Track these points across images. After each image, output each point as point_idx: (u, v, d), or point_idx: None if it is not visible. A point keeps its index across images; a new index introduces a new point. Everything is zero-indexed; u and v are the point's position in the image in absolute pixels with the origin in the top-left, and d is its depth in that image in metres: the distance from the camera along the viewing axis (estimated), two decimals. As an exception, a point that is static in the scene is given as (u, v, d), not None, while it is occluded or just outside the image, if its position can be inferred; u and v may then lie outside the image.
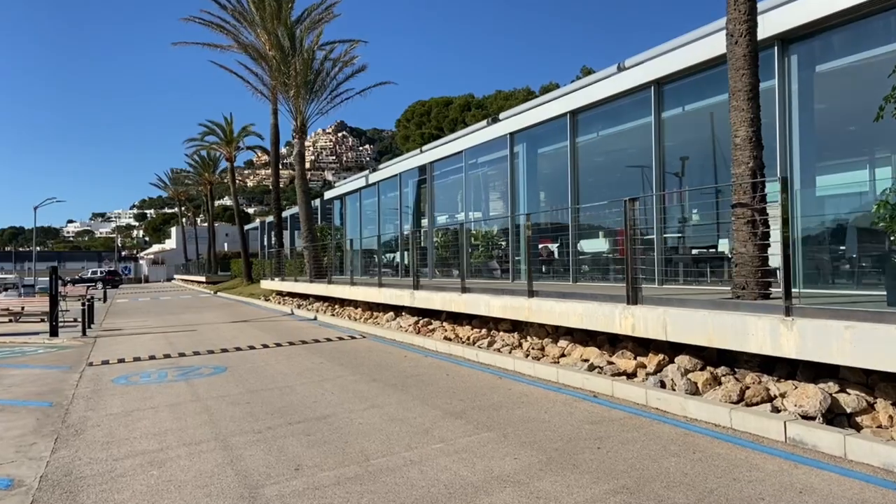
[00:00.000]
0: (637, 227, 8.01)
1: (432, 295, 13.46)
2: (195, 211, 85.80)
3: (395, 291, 15.31)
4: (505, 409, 7.59)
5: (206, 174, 56.69)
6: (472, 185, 17.33)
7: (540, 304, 9.85)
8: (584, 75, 57.73)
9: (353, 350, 13.27)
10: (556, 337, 10.72)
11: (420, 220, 20.98)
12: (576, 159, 13.10)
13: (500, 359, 10.44)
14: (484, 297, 11.46)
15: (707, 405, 6.66)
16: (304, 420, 7.55)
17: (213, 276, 53.29)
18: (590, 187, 13.35)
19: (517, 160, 15.19)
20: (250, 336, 16.60)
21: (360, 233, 24.92)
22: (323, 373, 10.70)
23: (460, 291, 12.31)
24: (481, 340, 11.92)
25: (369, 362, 11.57)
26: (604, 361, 8.87)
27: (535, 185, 15.10)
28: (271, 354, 13.10)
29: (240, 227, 43.04)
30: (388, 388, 9.23)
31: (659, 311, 7.52)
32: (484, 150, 16.65)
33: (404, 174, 20.83)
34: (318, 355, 12.69)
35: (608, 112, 12.56)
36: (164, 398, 9.18)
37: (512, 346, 11.06)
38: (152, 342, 16.01)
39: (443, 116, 69.32)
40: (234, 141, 42.29)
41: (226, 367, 11.72)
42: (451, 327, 13.69)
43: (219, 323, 20.71)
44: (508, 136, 15.12)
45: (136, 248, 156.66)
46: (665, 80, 10.97)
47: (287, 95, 23.06)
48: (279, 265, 28.85)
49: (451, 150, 17.80)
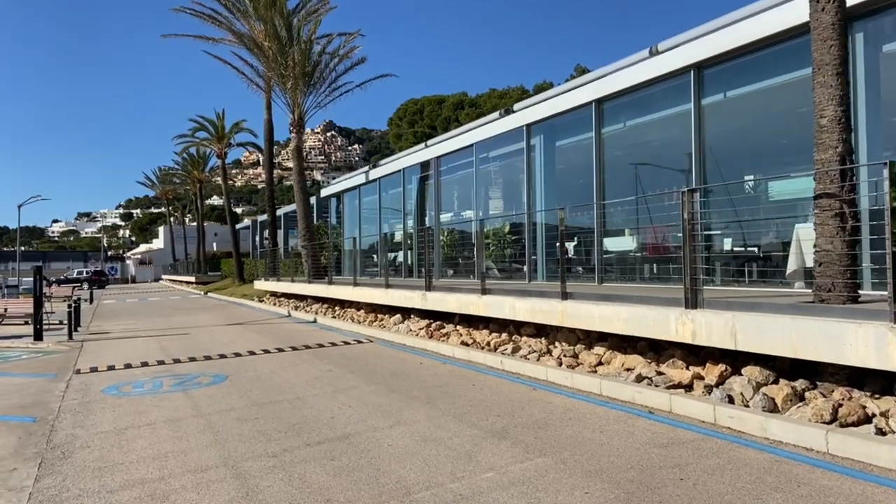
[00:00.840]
0: (697, 222, 7.12)
1: (447, 296, 12.54)
2: (183, 210, 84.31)
3: (404, 293, 14.38)
4: (552, 428, 6.68)
5: (195, 172, 55.41)
6: (482, 180, 16.43)
7: (576, 308, 8.95)
8: (578, 74, 57.09)
9: (362, 356, 12.34)
10: (589, 343, 9.84)
11: (424, 217, 20.05)
12: (601, 151, 12.23)
13: (530, 367, 9.54)
14: (508, 299, 10.56)
15: (794, 426, 5.78)
16: (324, 440, 6.62)
17: (203, 277, 52.09)
18: (615, 181, 12.49)
19: (534, 153, 14.29)
20: (248, 340, 15.61)
21: (359, 231, 23.95)
22: (334, 382, 9.76)
23: (480, 293, 11.41)
24: (504, 346, 11.03)
25: (383, 370, 10.65)
26: (652, 371, 7.99)
27: (552, 179, 14.21)
28: (274, 361, 12.14)
29: (231, 225, 41.92)
30: (411, 400, 8.31)
31: (726, 317, 6.65)
32: (496, 144, 15.75)
33: (408, 170, 19.90)
34: (326, 362, 11.74)
35: (638, 100, 11.69)
36: (161, 412, 8.22)
37: (540, 352, 10.17)
38: (143, 347, 15.00)
39: (436, 115, 68.61)
40: (225, 137, 41.13)
41: (226, 375, 10.75)
42: (466, 331, 12.78)
43: (213, 326, 19.70)
44: (524, 127, 14.22)
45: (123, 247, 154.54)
46: (707, 63, 10.10)
47: (284, 88, 22.06)
48: (274, 265, 27.82)
49: (459, 143, 16.89)
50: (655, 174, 12.23)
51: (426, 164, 18.93)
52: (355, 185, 24.08)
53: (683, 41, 10.67)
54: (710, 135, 10.21)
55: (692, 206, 7.10)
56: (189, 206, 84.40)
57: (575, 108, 12.82)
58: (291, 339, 15.35)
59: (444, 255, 18.13)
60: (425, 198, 19.79)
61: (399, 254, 20.83)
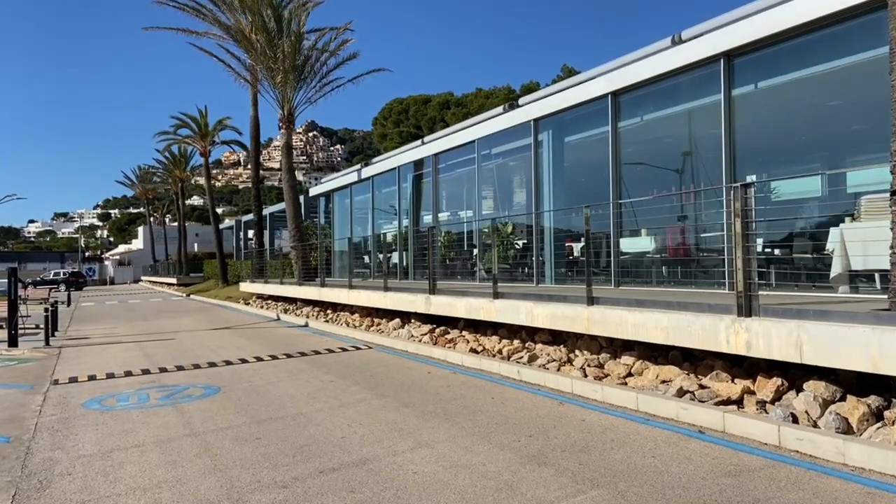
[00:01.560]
0: (753, 220, 6.43)
1: (454, 301, 11.78)
2: (163, 210, 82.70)
3: (405, 296, 13.60)
4: (596, 452, 5.95)
5: (176, 171, 54.09)
6: (485, 178, 15.70)
7: (605, 314, 8.23)
8: (565, 75, 56.61)
9: (364, 364, 11.54)
10: (614, 352, 9.14)
11: (419, 217, 19.29)
12: (618, 147, 11.55)
13: (552, 378, 8.81)
14: (524, 303, 9.82)
15: (882, 451, 5.09)
16: (339, 466, 5.83)
17: (185, 278, 50.86)
18: (632, 179, 11.82)
19: (541, 150, 13.59)
20: (238, 346, 14.74)
21: (350, 232, 23.12)
22: (339, 395, 8.97)
23: (491, 297, 10.66)
24: (518, 354, 10.30)
25: (390, 380, 9.87)
26: (694, 385, 7.30)
27: (561, 177, 13.51)
28: (269, 370, 11.31)
29: (215, 225, 40.83)
30: (428, 416, 7.54)
31: (789, 327, 5.95)
32: (500, 140, 15.04)
33: (403, 167, 19.13)
34: (325, 371, 10.94)
35: (659, 92, 11.03)
36: (150, 431, 7.38)
37: (560, 361, 9.44)
38: (126, 354, 14.08)
39: (421, 114, 67.99)
40: (209, 135, 39.99)
41: (219, 386, 9.92)
42: (473, 337, 12.04)
43: (198, 330, 18.78)
44: (532, 122, 13.52)
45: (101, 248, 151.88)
46: (737, 51, 9.45)
47: (273, 82, 21.16)
48: (261, 266, 26.89)
49: (460, 139, 16.15)
50: (676, 170, 11.57)
51: (423, 162, 18.19)
52: (346, 184, 23.25)
53: (710, 29, 10.03)
54: (743, 126, 9.55)
55: (746, 202, 6.41)
56: (169, 206, 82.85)
57: (587, 101, 12.15)
58: (284, 345, 14.51)
59: (442, 256, 17.38)
60: (422, 197, 19.04)
61: (394, 255, 20.04)
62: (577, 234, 13.35)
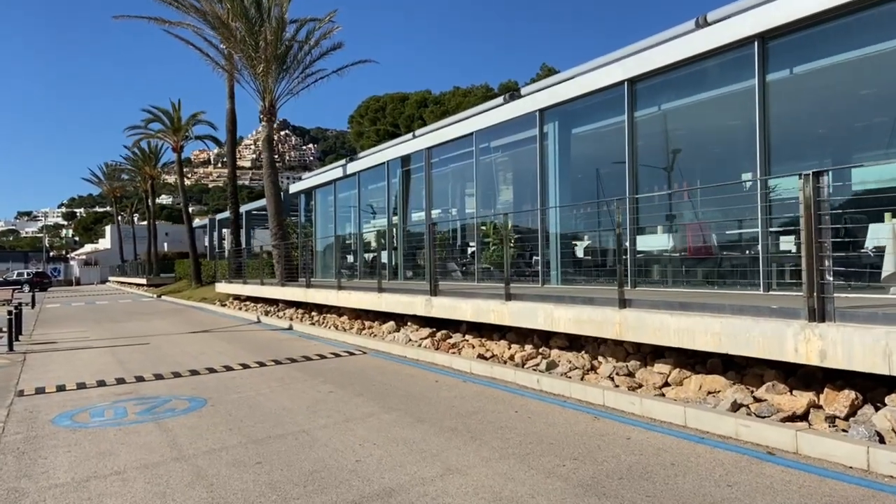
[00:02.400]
0: (827, 213, 5.68)
1: (459, 303, 10.93)
2: (132, 208, 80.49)
3: (402, 298, 12.71)
4: (660, 480, 5.15)
5: (146, 168, 52.35)
6: (484, 173, 14.87)
7: (642, 319, 7.45)
8: (544, 73, 56.15)
9: (361, 372, 10.64)
10: (643, 359, 8.37)
11: (409, 214, 18.42)
12: (634, 138, 10.80)
13: (578, 388, 8.00)
14: (543, 306, 9.00)
15: None
16: (361, 500, 4.96)
17: (155, 279, 49.26)
18: (648, 172, 11.09)
19: (546, 142, 12.80)
20: (220, 351, 13.72)
21: (334, 230, 22.14)
22: (342, 408, 8.07)
23: (503, 299, 9.83)
24: (533, 361, 9.48)
25: (394, 390, 8.98)
26: (748, 397, 6.54)
27: (567, 171, 12.73)
28: (258, 379, 10.35)
29: (188, 223, 39.44)
30: (449, 434, 6.69)
31: (877, 334, 5.21)
32: (501, 132, 14.22)
33: (393, 162, 18.21)
34: (321, 380, 10.01)
35: (683, 79, 10.30)
36: (131, 454, 6.42)
37: (583, 369, 8.64)
38: (98, 360, 13.00)
39: (398, 112, 67.31)
40: (182, 129, 38.53)
41: (205, 398, 8.95)
42: (478, 342, 11.21)
43: (174, 334, 17.67)
44: (537, 113, 12.71)
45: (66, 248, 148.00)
46: (773, 33, 8.74)
47: (254, 72, 20.10)
48: (239, 266, 25.77)
49: (456, 132, 15.30)
50: (701, 162, 10.86)
51: (414, 157, 17.30)
52: (330, 181, 22.26)
53: (739, 10, 9.29)
54: (778, 114, 8.85)
55: (818, 192, 5.66)
56: (137, 205, 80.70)
57: (600, 89, 11.37)
58: (271, 351, 13.53)
59: (435, 255, 16.51)
60: (411, 193, 18.18)
61: (381, 254, 19.14)
62: (587, 232, 12.64)
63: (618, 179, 12.16)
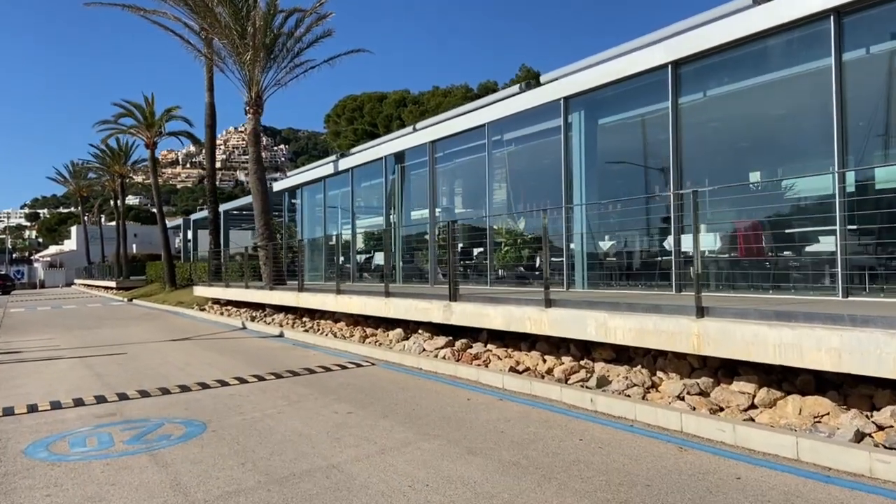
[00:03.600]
0: None
1: (485, 309, 9.79)
2: (99, 208, 77.85)
3: (414, 304, 11.53)
4: (816, 537, 4.07)
5: (115, 166, 50.23)
6: (497, 167, 13.76)
7: (727, 330, 6.37)
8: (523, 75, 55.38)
9: (377, 387, 9.44)
10: (714, 374, 7.32)
11: (408, 213, 17.25)
12: (679, 128, 9.78)
13: (645, 411, 6.90)
14: (594, 314, 7.90)
15: None
16: (442, 572, 3.80)
17: (125, 281, 47.27)
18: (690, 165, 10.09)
19: (571, 133, 11.74)
20: (209, 363, 12.41)
21: (324, 230, 20.89)
22: (370, 434, 6.88)
23: (542, 305, 8.72)
24: (577, 376, 8.39)
25: (424, 410, 7.81)
26: (868, 424, 5.51)
27: (594, 165, 11.68)
28: (260, 396, 9.10)
29: (161, 223, 37.67)
30: (514, 471, 5.54)
31: None
32: (517, 123, 13.15)
33: (391, 158, 17.01)
34: (333, 397, 8.80)
35: (735, 61, 9.31)
36: (124, 497, 5.19)
37: (642, 387, 7.56)
38: (72, 373, 11.61)
39: (377, 112, 66.50)
40: (155, 125, 36.71)
41: (203, 422, 7.69)
42: (504, 352, 10.09)
43: (154, 341, 16.26)
44: (561, 101, 11.65)
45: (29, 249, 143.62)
46: (849, 7, 7.77)
47: (240, 61, 18.73)
48: (218, 268, 24.33)
49: (465, 124, 14.17)
50: (757, 153, 9.87)
51: (415, 151, 16.12)
52: (319, 178, 20.98)
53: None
54: (858, 97, 7.88)
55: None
56: (102, 206, 78.13)
57: (636, 74, 10.35)
58: (266, 362, 12.25)
59: (439, 257, 15.38)
60: (410, 190, 17.01)
61: (377, 255, 17.94)
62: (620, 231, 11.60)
63: (652, 174, 11.17)
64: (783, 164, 9.63)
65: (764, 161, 9.80)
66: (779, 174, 9.61)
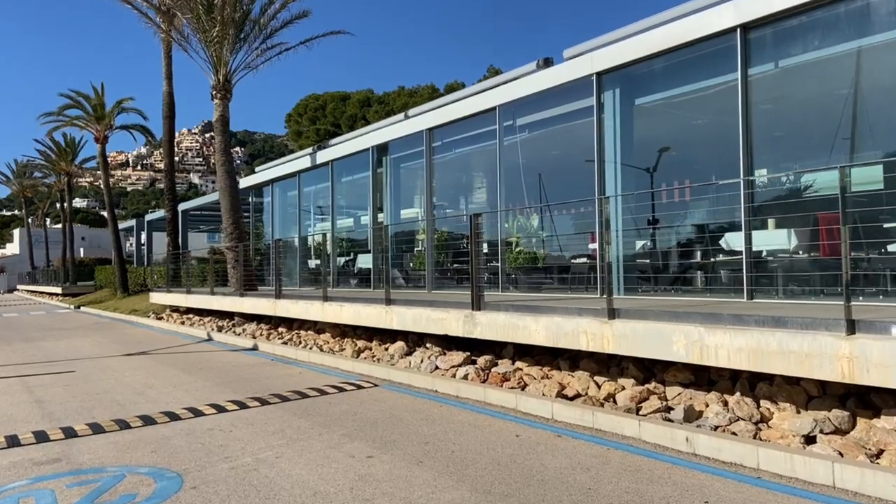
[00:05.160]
0: None
1: (521, 321, 8.06)
2: (43, 210, 73.71)
3: (425, 313, 9.74)
4: None
5: (62, 163, 47.01)
6: (509, 156, 12.07)
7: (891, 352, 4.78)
8: (491, 75, 54.18)
9: (394, 418, 7.63)
10: (840, 404, 5.75)
11: (398, 210, 15.48)
12: (749, 103, 8.25)
13: (772, 457, 5.25)
14: (684, 328, 6.24)
15: None
16: None
17: (72, 287, 44.14)
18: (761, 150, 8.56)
19: (604, 115, 10.14)
20: (175, 384, 10.41)
21: (299, 231, 18.93)
22: (411, 496, 5.09)
23: (605, 316, 7.05)
24: (650, 404, 6.74)
25: (472, 455, 6.04)
26: None
27: (630, 152, 10.09)
28: (248, 431, 7.21)
29: (112, 225, 34.96)
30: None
31: None
32: (535, 105, 11.50)
33: (379, 148, 15.19)
34: (341, 433, 6.96)
35: (823, 22, 7.81)
36: None
37: (751, 421, 5.94)
38: (5, 399, 9.52)
39: (340, 112, 64.94)
40: (106, 117, 33.96)
41: (177, 472, 5.81)
42: (539, 372, 8.40)
43: (106, 356, 14.10)
44: (593, 77, 10.04)
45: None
46: None
47: (207, 38, 16.67)
48: (177, 273, 22.10)
49: (471, 108, 12.46)
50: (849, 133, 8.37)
51: (407, 141, 14.35)
52: (292, 172, 19.01)
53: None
54: None
55: None
56: (49, 207, 74.05)
57: (693, 42, 8.78)
58: (245, 382, 10.32)
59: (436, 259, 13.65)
60: (401, 185, 15.24)
61: (360, 258, 16.13)
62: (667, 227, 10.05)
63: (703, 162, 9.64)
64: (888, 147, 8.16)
65: (863, 143, 8.30)
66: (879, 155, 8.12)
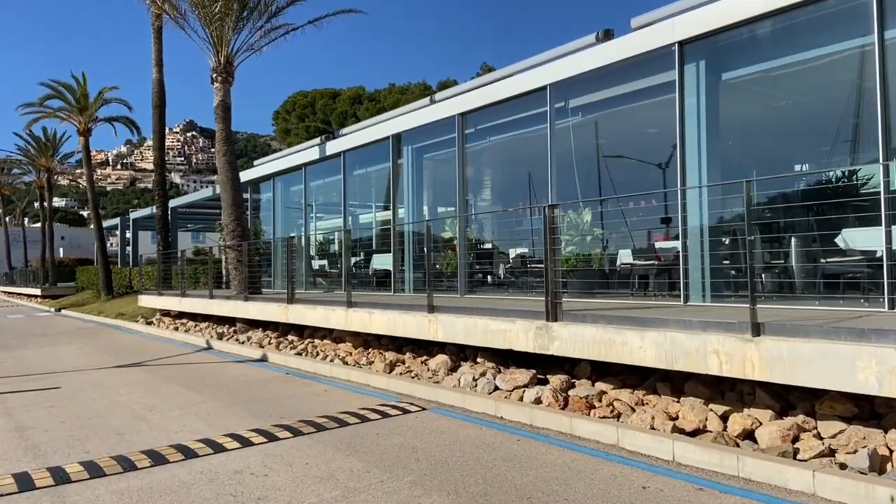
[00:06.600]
0: None
1: (620, 335, 6.57)
2: (22, 208, 71.14)
3: (483, 323, 8.23)
4: None
5: (42, 158, 44.84)
6: (557, 144, 10.59)
7: None
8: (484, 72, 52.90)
9: (468, 457, 6.12)
10: None
11: (420, 206, 13.99)
12: (885, 68, 6.87)
13: None
14: (873, 350, 4.80)
15: None
16: None
17: (52, 289, 42.09)
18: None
19: (686, 93, 8.71)
20: (180, 405, 8.82)
21: (304, 228, 17.37)
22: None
23: (748, 332, 5.58)
24: (806, 446, 5.30)
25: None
26: None
27: (717, 136, 8.67)
28: (287, 475, 5.67)
29: (96, 223, 33.01)
30: None
31: None
32: (593, 83, 10.08)
33: (407, 136, 13.63)
34: (412, 482, 5.45)
35: None
36: None
37: (969, 472, 4.51)
38: (-22, 427, 7.91)
39: (330, 109, 63.77)
40: (89, 108, 32.01)
41: (212, 548, 4.27)
42: (631, 397, 6.95)
43: (95, 368, 12.45)
44: (675, 48, 8.61)
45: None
46: None
47: (207, 13, 15.07)
48: (169, 274, 20.43)
49: (514, 89, 11.00)
50: None
51: (435, 128, 12.84)
52: (298, 165, 17.44)
53: None
54: None
55: None
56: (27, 207, 71.58)
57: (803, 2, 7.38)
58: (265, 403, 8.76)
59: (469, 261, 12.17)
60: (424, 178, 13.76)
61: (383, 257, 14.60)
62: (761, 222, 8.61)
63: (810, 145, 8.25)
64: None
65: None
66: None
